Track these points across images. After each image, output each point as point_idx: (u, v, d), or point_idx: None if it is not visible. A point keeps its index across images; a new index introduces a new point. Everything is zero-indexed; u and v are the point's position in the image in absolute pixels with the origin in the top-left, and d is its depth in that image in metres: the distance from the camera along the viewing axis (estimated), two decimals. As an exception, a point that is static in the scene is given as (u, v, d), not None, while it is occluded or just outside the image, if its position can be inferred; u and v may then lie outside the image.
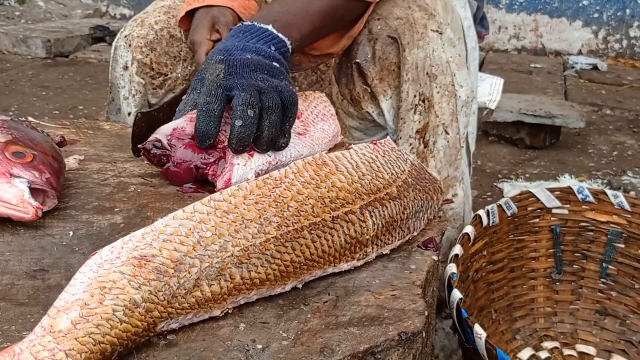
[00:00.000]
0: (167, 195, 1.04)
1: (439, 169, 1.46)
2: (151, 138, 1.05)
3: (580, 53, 5.41)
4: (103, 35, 5.01)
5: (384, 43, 1.40)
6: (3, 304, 0.76)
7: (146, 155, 1.06)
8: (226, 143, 1.02)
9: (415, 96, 1.40)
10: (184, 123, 1.05)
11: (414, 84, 1.39)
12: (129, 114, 1.51)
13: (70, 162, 1.11)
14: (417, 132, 1.41)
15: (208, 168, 1.03)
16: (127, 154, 1.18)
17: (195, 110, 1.02)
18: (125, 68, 1.49)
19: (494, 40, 5.58)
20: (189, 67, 1.52)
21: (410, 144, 1.42)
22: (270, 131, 1.02)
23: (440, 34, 1.41)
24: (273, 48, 1.11)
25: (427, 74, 1.39)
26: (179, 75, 1.51)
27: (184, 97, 1.10)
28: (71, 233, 0.92)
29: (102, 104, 3.48)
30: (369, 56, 1.42)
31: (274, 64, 1.08)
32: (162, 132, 1.05)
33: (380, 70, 1.42)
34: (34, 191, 0.92)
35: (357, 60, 1.43)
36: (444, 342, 1.61)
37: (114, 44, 1.53)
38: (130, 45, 1.49)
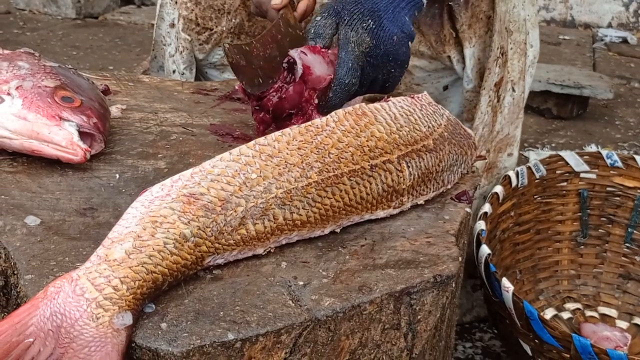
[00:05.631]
0: (208, 144, 1.07)
1: (502, 126, 1.46)
2: (293, 53, 1.05)
3: (610, 26, 5.34)
4: (132, -3, 5.03)
5: None
6: (56, 237, 0.80)
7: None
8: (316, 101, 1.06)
9: (498, 48, 1.41)
10: (317, 62, 1.06)
11: (499, 36, 1.40)
12: (174, 71, 1.53)
13: (114, 111, 1.14)
14: (495, 84, 1.43)
15: (297, 121, 1.06)
16: (167, 105, 1.21)
17: (333, 52, 1.05)
18: (172, 25, 1.51)
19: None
20: (234, 20, 1.53)
21: (489, 96, 1.43)
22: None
23: None
24: (416, 13, 1.12)
25: (506, 28, 1.40)
26: (224, 28, 1.52)
27: (317, 18, 1.08)
28: (117, 176, 0.95)
29: (131, 65, 3.51)
30: (461, 0, 1.43)
31: (405, 49, 1.08)
32: (302, 59, 1.05)
33: (471, 16, 1.43)
34: (82, 135, 0.95)
35: (450, 3, 1.44)
36: (462, 300, 1.64)
37: (159, 1, 1.55)
38: (176, 3, 1.50)
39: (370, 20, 1.05)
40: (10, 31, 4.16)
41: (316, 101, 1.05)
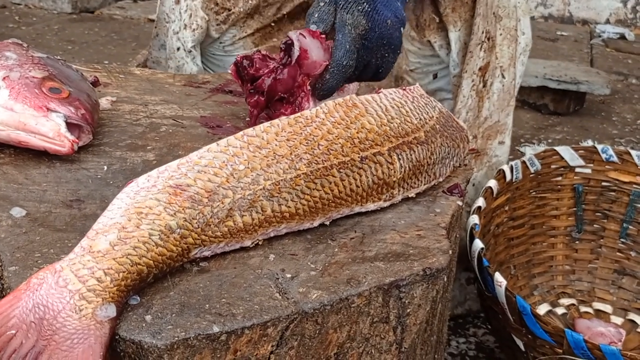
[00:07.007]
0: (198, 136, 1.06)
1: (491, 112, 1.46)
2: (292, 34, 1.03)
3: (607, 22, 5.33)
4: (128, -8, 5.01)
5: None
6: (42, 229, 0.79)
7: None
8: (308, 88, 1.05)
9: (482, 32, 1.40)
10: (315, 47, 1.04)
11: (483, 20, 1.39)
12: (178, 48, 1.51)
13: (103, 102, 1.13)
14: (480, 69, 1.42)
15: (286, 109, 1.04)
16: (158, 97, 1.20)
17: (331, 40, 1.04)
18: (177, 2, 1.49)
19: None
20: (250, 1, 1.51)
21: (473, 80, 1.42)
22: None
23: None
24: None
25: (493, 13, 1.40)
26: (241, 9, 1.51)
27: (320, 3, 1.06)
28: (105, 167, 0.94)
29: (127, 60, 3.50)
30: None
31: (399, 34, 1.09)
32: (301, 41, 1.03)
33: (454, 0, 1.42)
34: (69, 126, 0.94)
35: None
36: (455, 292, 1.63)
37: None
38: None
39: (365, 4, 1.05)
40: (6, 25, 4.14)
41: (308, 88, 1.04)
